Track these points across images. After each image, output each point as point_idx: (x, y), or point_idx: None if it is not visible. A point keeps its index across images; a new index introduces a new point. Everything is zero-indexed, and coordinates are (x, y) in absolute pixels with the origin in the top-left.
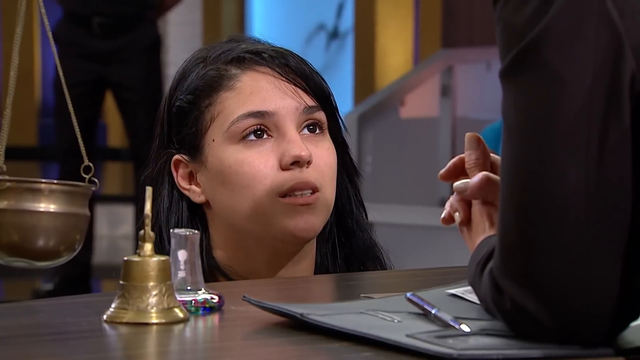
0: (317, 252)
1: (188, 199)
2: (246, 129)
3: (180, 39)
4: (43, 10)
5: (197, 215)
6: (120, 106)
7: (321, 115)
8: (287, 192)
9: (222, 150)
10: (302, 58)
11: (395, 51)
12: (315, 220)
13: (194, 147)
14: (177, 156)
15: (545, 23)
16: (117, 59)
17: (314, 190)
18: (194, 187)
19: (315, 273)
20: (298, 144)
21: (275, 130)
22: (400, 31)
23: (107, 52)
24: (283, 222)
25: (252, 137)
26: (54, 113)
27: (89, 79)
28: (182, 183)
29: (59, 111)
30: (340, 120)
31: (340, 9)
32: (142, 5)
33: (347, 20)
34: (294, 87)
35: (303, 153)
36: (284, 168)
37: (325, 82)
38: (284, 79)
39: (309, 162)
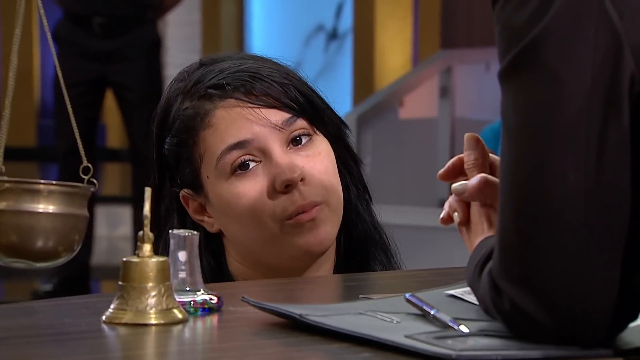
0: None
1: (203, 228)
2: (233, 162)
3: (180, 40)
4: (42, 11)
5: (213, 242)
6: (120, 106)
7: (302, 123)
8: (291, 216)
9: (218, 187)
10: (272, 69)
11: (394, 52)
12: (325, 231)
13: (194, 185)
14: (183, 192)
15: (544, 24)
16: (118, 59)
17: (316, 205)
18: (206, 218)
19: (334, 272)
20: (285, 166)
21: (261, 155)
22: (399, 32)
23: (107, 51)
24: (294, 241)
25: (241, 168)
26: (54, 113)
27: (90, 79)
28: (196, 216)
29: (58, 111)
30: (325, 119)
31: (339, 10)
32: (142, 6)
33: (346, 21)
34: (264, 109)
35: (293, 175)
36: (279, 191)
37: (301, 88)
38: (252, 106)
39: (303, 179)
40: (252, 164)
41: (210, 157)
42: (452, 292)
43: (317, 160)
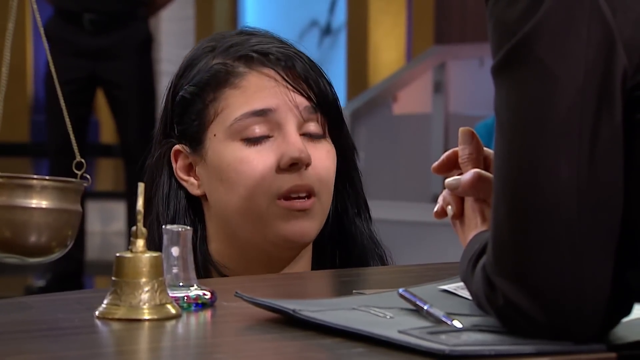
0: (313, 255)
1: (186, 189)
2: (248, 127)
3: (173, 35)
4: (35, 6)
5: (194, 206)
6: (111, 104)
7: (321, 119)
8: (285, 195)
9: (223, 147)
10: (311, 61)
11: (387, 47)
12: (310, 226)
13: (195, 140)
14: (177, 146)
15: (537, 19)
16: (109, 56)
17: (311, 194)
18: (192, 179)
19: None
20: (297, 145)
21: (276, 129)
22: (393, 27)
23: (98, 49)
24: (278, 225)
25: (253, 136)
26: (46, 110)
27: (80, 76)
28: (181, 174)
29: (50, 108)
30: (344, 124)
31: (333, 5)
32: (134, 3)
33: (340, 17)
34: (297, 90)
35: (302, 155)
36: (282, 169)
37: (331, 87)
38: (288, 82)
39: (307, 165)
40: (265, 135)
41: (226, 117)
42: (445, 287)
43: (324, 157)
